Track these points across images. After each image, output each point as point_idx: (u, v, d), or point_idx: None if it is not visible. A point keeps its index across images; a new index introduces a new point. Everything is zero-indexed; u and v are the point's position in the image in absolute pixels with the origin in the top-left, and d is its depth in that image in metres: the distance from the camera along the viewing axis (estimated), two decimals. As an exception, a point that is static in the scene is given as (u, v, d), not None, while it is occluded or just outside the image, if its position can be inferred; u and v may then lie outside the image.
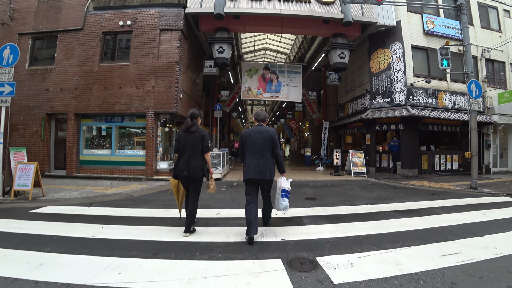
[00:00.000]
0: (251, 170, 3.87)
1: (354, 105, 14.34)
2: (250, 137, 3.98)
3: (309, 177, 11.51)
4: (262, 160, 3.87)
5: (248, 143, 3.97)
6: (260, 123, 4.16)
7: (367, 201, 6.69)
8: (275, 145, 3.97)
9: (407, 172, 11.76)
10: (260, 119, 4.20)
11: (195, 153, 4.01)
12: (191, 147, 3.99)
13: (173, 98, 10.63)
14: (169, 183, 9.55)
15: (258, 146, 3.91)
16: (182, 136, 4.09)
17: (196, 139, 4.02)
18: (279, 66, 14.20)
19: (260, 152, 3.90)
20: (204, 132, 4.13)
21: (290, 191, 4.35)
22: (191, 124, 4.08)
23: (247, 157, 3.98)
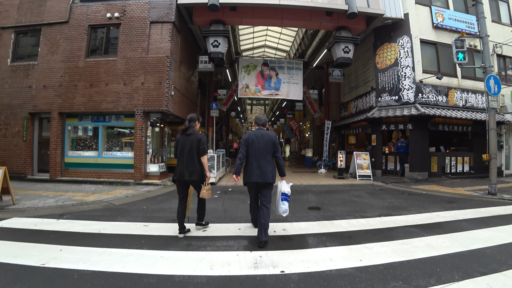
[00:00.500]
0: (252, 174, 3.88)
1: (358, 104, 13.42)
2: (251, 141, 3.98)
3: (311, 181, 10.60)
4: (263, 163, 3.89)
5: (249, 147, 3.97)
6: (260, 127, 4.15)
7: (379, 211, 5.78)
8: (276, 148, 4.00)
9: (416, 175, 10.85)
10: (261, 123, 4.18)
11: (192, 156, 4.01)
12: (188, 151, 4.00)
13: (163, 96, 9.71)
14: (158, 189, 8.67)
15: (259, 149, 3.93)
16: (180, 139, 4.12)
17: (193, 142, 4.02)
18: (279, 62, 13.28)
19: (261, 156, 3.92)
20: (200, 136, 4.09)
21: (290, 195, 4.25)
22: (188, 126, 4.09)
23: (249, 160, 3.97)
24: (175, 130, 13.01)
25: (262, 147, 3.94)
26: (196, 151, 4.04)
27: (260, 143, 3.95)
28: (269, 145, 3.95)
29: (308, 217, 5.21)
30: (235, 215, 5.37)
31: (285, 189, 4.17)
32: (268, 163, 3.93)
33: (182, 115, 11.57)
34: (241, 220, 5.06)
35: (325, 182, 10.21)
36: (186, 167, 4.00)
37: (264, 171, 3.86)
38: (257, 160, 3.91)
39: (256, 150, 3.93)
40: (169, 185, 9.36)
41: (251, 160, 3.94)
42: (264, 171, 3.86)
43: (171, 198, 6.94)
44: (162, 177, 10.11)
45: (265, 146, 3.94)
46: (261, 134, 4.01)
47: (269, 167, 3.91)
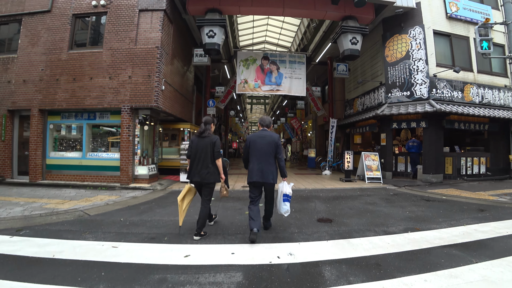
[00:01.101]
0: (255, 174, 3.92)
1: (365, 101, 12.39)
2: (255, 142, 4.03)
3: (316, 184, 9.56)
4: (265, 164, 3.92)
5: (252, 147, 4.02)
6: (264, 128, 4.19)
7: (403, 224, 4.74)
8: (278, 150, 4.01)
9: (430, 177, 9.81)
10: (265, 124, 4.21)
11: (206, 159, 3.98)
12: (203, 153, 3.98)
13: (153, 90, 8.69)
14: (145, 194, 7.63)
15: (261, 150, 3.97)
16: (195, 141, 4.10)
17: (207, 145, 3.99)
18: (280, 55, 12.23)
19: (264, 157, 3.95)
20: (215, 139, 4.06)
21: (291, 196, 4.19)
22: (204, 129, 4.06)
23: (251, 161, 4.01)
24: (168, 129, 11.99)
25: (264, 148, 3.97)
26: (211, 154, 4.01)
27: (263, 144, 3.98)
28: (272, 147, 3.98)
29: (319, 234, 4.17)
30: (229, 230, 4.33)
31: (286, 190, 4.11)
32: (270, 164, 3.95)
33: (175, 112, 10.54)
34: (236, 238, 4.01)
35: (332, 185, 9.17)
36: (199, 169, 3.97)
37: (265, 171, 3.90)
38: (259, 160, 3.93)
39: (259, 151, 3.97)
40: (158, 189, 8.33)
41: (254, 161, 3.97)
42: (265, 172, 3.90)
43: (156, 207, 5.91)
44: (152, 180, 9.08)
45: (268, 147, 3.97)
46: (264, 135, 4.06)
47: (270, 168, 3.93)
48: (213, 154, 3.99)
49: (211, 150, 3.99)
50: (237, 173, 12.26)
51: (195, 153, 4.03)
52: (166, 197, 7.12)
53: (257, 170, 3.91)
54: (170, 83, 9.92)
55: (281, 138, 37.45)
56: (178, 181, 9.62)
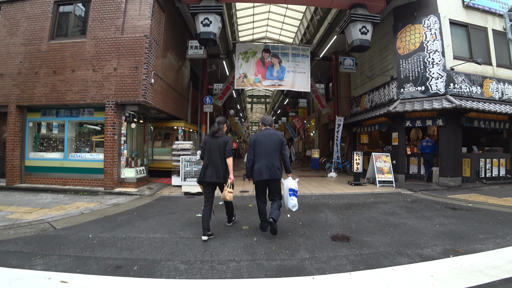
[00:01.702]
0: (262, 172, 3.91)
1: (373, 97, 11.39)
2: (260, 141, 4.05)
3: (323, 188, 8.56)
4: (271, 161, 3.94)
5: (257, 146, 4.03)
6: (267, 127, 4.21)
7: (439, 243, 3.75)
8: (283, 147, 4.05)
9: (448, 181, 8.82)
10: (268, 123, 4.24)
11: (220, 159, 3.92)
12: (216, 153, 3.93)
13: (140, 84, 7.71)
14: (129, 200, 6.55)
15: (267, 148, 3.99)
16: (208, 141, 4.04)
17: (220, 145, 3.96)
18: (282, 48, 11.21)
19: (269, 154, 3.97)
20: (228, 138, 4.02)
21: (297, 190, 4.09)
22: (218, 129, 4.02)
23: (257, 159, 4.01)
24: (161, 128, 11.00)
25: (269, 146, 4.00)
26: (224, 153, 3.96)
27: (268, 143, 4.01)
28: (277, 144, 4.00)
29: (337, 260, 3.17)
30: (220, 258, 3.32)
31: (292, 185, 4.08)
32: (277, 162, 3.98)
33: (167, 109, 9.56)
34: (230, 271, 2.99)
35: (341, 190, 8.17)
36: (213, 169, 3.92)
37: (272, 168, 3.91)
38: (266, 158, 3.95)
39: (264, 149, 3.99)
40: (146, 194, 7.35)
41: (260, 159, 3.97)
42: (272, 169, 3.91)
43: (136, 219, 4.91)
44: (140, 184, 8.10)
45: (273, 145, 4.00)
46: (268, 134, 4.09)
47: (276, 165, 3.96)
48: (225, 152, 3.92)
49: (223, 149, 3.93)
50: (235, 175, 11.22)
51: (209, 153, 3.98)
52: (151, 205, 6.13)
53: (265, 168, 3.90)
54: (162, 77, 8.94)
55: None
56: (170, 185, 8.62)
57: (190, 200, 6.49)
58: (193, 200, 6.49)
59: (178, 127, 10.28)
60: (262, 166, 3.91)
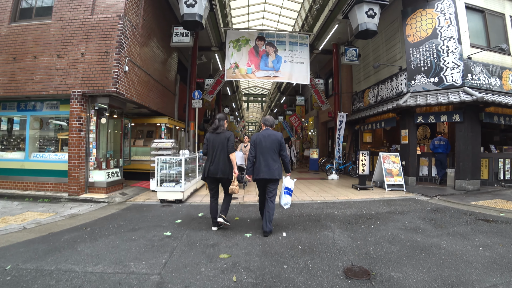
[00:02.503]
0: (261, 171, 3.97)
1: (379, 91, 10.24)
2: (260, 141, 4.08)
3: (325, 193, 7.38)
4: (270, 161, 4.00)
5: (258, 146, 4.07)
6: (268, 128, 4.26)
7: (498, 280, 2.59)
8: (282, 147, 4.11)
9: (466, 184, 7.68)
10: (269, 124, 4.28)
11: (222, 155, 3.95)
12: (219, 149, 3.95)
13: (111, 71, 6.50)
14: (92, 210, 5.14)
15: (266, 149, 4.04)
16: (210, 137, 4.05)
17: (223, 140, 3.97)
18: (278, 35, 9.99)
19: (269, 154, 4.02)
20: (229, 134, 4.04)
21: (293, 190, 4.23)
22: (218, 125, 4.03)
23: (257, 158, 4.05)
24: (142, 125, 9.78)
25: (269, 146, 4.04)
26: (226, 149, 3.95)
27: (267, 143, 4.06)
28: (276, 144, 4.06)
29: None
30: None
31: (288, 184, 4.19)
32: (275, 161, 4.02)
33: (148, 103, 8.35)
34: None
35: (346, 196, 6.98)
36: (216, 165, 3.91)
37: (271, 168, 3.96)
38: (265, 158, 4.01)
39: (264, 149, 4.04)
40: (116, 202, 6.13)
41: (259, 158, 4.02)
42: (271, 168, 3.96)
43: (84, 241, 3.64)
44: (112, 189, 6.88)
45: (272, 145, 4.05)
46: (268, 134, 4.13)
47: (275, 165, 4.00)
48: (228, 148, 3.93)
49: (226, 145, 3.94)
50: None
51: (211, 149, 3.98)
52: (115, 216, 4.90)
53: (264, 167, 3.96)
54: (140, 66, 7.73)
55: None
56: (149, 190, 7.39)
57: (165, 210, 5.28)
58: (168, 210, 5.27)
59: (160, 124, 9.05)
60: (261, 165, 3.99)
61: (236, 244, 3.37)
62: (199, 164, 7.95)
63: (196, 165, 7.25)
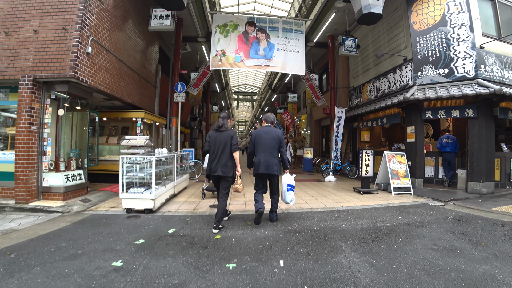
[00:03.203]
0: (261, 166, 4.02)
1: (380, 85, 9.32)
2: (260, 137, 4.15)
3: (325, 198, 6.36)
4: (270, 157, 4.05)
5: (258, 142, 4.15)
6: (268, 125, 4.34)
7: None
8: (282, 144, 4.17)
9: (480, 187, 6.82)
10: (270, 121, 4.36)
11: (226, 153, 3.90)
12: (222, 147, 3.90)
13: (69, 52, 5.32)
14: (37, 224, 3.86)
15: (266, 145, 4.09)
16: (213, 135, 4.00)
17: (226, 139, 3.92)
18: (271, 21, 8.87)
19: (268, 150, 4.08)
20: (233, 133, 3.99)
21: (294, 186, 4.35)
22: (222, 124, 3.98)
23: (257, 154, 4.13)
24: (116, 120, 8.56)
25: (269, 142, 4.09)
26: (230, 147, 3.90)
27: (268, 139, 4.11)
28: (276, 141, 4.12)
29: None
30: None
31: (289, 181, 4.26)
32: (274, 157, 4.08)
33: (121, 94, 7.16)
34: None
35: (349, 202, 5.97)
36: (219, 164, 3.86)
37: (270, 164, 4.01)
38: (265, 154, 4.05)
39: (264, 145, 4.08)
40: (74, 211, 4.94)
41: (259, 154, 4.09)
42: (270, 164, 4.01)
43: None
44: (73, 195, 5.68)
45: (272, 141, 4.10)
46: (269, 131, 4.19)
47: (275, 161, 4.06)
48: (231, 146, 3.87)
49: (230, 143, 3.88)
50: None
51: (214, 147, 3.92)
52: (61, 233, 3.73)
53: (263, 162, 4.01)
54: (110, 50, 6.55)
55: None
56: (118, 195, 6.20)
57: (129, 223, 4.14)
58: (133, 223, 4.13)
59: (136, 119, 7.86)
60: (261, 161, 4.04)
61: (213, 285, 2.29)
62: (179, 165, 6.84)
63: (174, 166, 6.10)
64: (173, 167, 6.10)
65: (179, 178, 6.53)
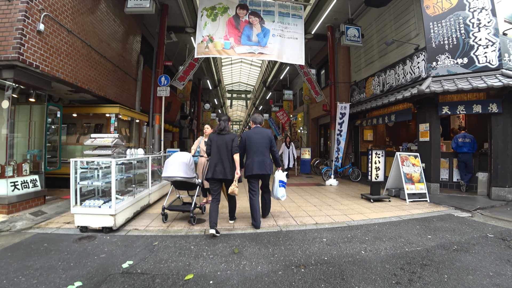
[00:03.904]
0: (254, 167, 4.03)
1: (387, 78, 8.37)
2: (251, 138, 4.14)
3: (330, 209, 5.36)
4: (262, 157, 4.07)
5: (249, 143, 4.13)
6: (257, 125, 4.34)
7: None
8: (272, 144, 4.22)
9: (505, 193, 5.91)
10: (258, 122, 4.37)
11: (227, 156, 3.87)
12: (224, 150, 3.87)
13: (13, 28, 4.23)
14: None
15: (258, 145, 4.09)
16: (215, 139, 3.95)
17: (228, 142, 3.90)
18: (265, 4, 7.72)
19: (260, 151, 4.09)
20: (234, 136, 3.98)
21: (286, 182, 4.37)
22: (224, 126, 3.97)
23: (249, 156, 4.13)
24: (88, 116, 7.44)
25: (260, 143, 4.10)
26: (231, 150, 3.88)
27: (259, 140, 4.11)
28: (267, 141, 4.14)
29: None
30: None
31: (281, 177, 4.29)
32: (267, 157, 4.12)
33: (89, 84, 6.05)
34: None
35: (360, 213, 4.96)
36: (221, 166, 3.81)
37: (263, 164, 4.04)
38: (257, 155, 4.06)
39: (256, 146, 4.08)
40: (17, 228, 3.84)
41: (252, 155, 4.08)
42: (264, 164, 4.04)
43: None
44: (23, 206, 4.57)
45: (263, 142, 4.11)
46: (259, 132, 4.19)
47: (267, 161, 4.10)
48: (232, 148, 3.86)
49: (231, 146, 3.86)
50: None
51: (217, 150, 3.88)
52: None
53: (257, 163, 4.02)
54: (74, 31, 5.46)
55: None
56: (83, 205, 5.12)
57: (76, 249, 3.05)
58: (81, 249, 3.05)
59: (110, 114, 6.76)
60: (253, 162, 4.04)
61: None
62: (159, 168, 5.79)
63: (149, 170, 5.04)
64: (148, 171, 5.03)
65: (156, 185, 5.47)
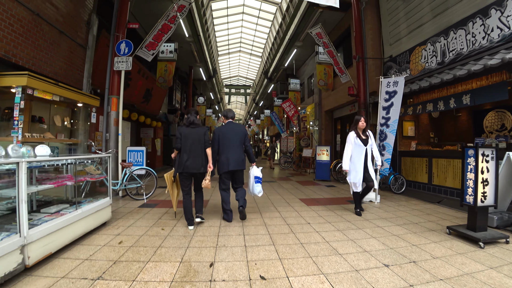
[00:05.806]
0: (229, 163, 3.89)
1: (450, 44, 5.56)
2: (224, 134, 4.00)
3: (408, 275, 2.67)
4: (237, 153, 3.95)
5: (223, 139, 3.99)
6: (230, 121, 4.18)
7: None
8: (246, 138, 4.11)
9: None
10: (230, 116, 4.21)
11: (199, 149, 3.70)
12: (196, 143, 3.69)
13: None
14: None
15: (231, 141, 3.97)
16: (184, 132, 3.71)
17: (199, 135, 3.72)
18: None
19: (234, 146, 3.95)
20: (205, 129, 3.84)
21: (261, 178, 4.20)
22: (193, 119, 3.77)
23: (223, 152, 3.97)
24: None
25: (235, 138, 3.98)
26: (203, 143, 3.73)
27: (232, 135, 3.99)
28: (240, 136, 4.03)
29: None
30: None
31: (256, 173, 4.15)
32: (242, 153, 4.02)
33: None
34: None
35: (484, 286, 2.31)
36: (192, 160, 3.63)
37: (239, 160, 3.94)
38: (233, 151, 3.93)
39: (229, 142, 3.96)
40: None
41: (226, 152, 3.94)
42: (237, 160, 3.92)
43: None
44: None
45: (237, 137, 4.00)
46: (232, 127, 4.06)
47: (242, 157, 4.00)
48: (205, 142, 3.72)
49: (203, 139, 3.71)
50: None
51: (185, 143, 3.65)
52: None
53: (232, 159, 3.89)
54: None
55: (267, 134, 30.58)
56: None
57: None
58: None
59: (16, 90, 4.00)
60: (228, 158, 3.90)
61: None
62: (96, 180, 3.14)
63: (23, 192, 2.29)
64: (19, 192, 2.27)
65: (76, 211, 2.79)
